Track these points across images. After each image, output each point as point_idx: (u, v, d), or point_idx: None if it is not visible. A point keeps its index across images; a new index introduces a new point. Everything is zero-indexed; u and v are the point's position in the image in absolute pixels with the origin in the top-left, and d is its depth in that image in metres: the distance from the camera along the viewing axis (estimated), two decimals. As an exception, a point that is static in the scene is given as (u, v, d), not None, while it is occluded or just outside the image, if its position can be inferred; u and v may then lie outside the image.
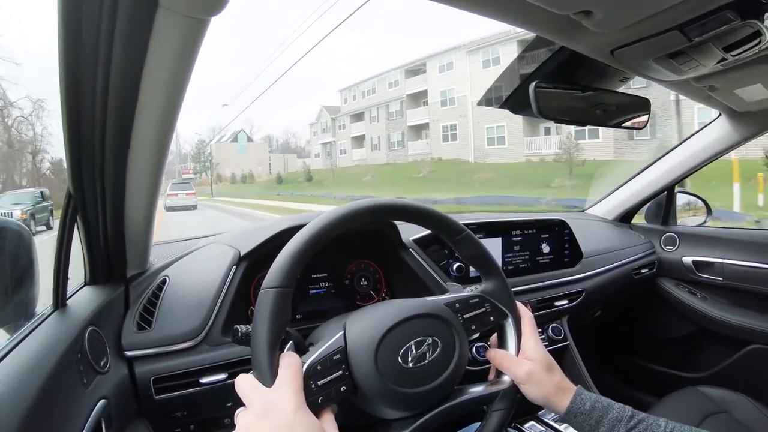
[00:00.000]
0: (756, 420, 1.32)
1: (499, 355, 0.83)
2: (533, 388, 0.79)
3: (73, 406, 0.73)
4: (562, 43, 0.96)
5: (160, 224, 9.42)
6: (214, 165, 58.81)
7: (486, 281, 0.85)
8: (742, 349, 1.80)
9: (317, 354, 0.67)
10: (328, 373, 0.66)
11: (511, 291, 0.86)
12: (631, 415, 0.75)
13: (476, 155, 28.97)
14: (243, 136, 64.98)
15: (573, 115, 1.20)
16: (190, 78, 0.73)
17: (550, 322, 1.60)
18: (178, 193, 24.48)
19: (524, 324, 0.85)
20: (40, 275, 0.88)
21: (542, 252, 1.66)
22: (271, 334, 0.63)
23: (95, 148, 0.78)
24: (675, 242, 2.03)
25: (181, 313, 1.04)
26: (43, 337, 0.76)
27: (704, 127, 1.80)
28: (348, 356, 0.69)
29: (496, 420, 0.78)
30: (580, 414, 0.76)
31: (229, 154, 59.74)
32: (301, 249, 0.67)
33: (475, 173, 25.58)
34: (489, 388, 0.81)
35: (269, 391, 0.60)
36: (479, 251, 0.84)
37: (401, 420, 0.72)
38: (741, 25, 0.79)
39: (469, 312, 0.81)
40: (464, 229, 0.83)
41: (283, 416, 0.57)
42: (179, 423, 1.02)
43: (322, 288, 1.30)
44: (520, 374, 0.79)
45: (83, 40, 0.63)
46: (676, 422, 0.74)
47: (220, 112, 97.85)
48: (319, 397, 0.64)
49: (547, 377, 0.79)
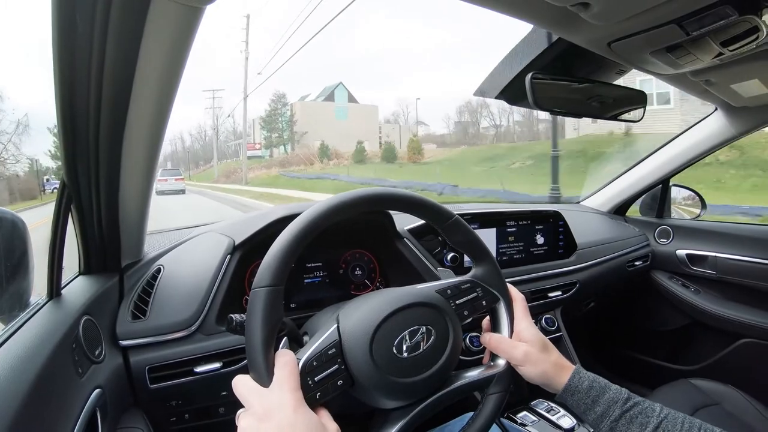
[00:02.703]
0: (747, 413, 1.33)
1: (494, 338, 0.83)
2: (530, 369, 0.79)
3: (69, 395, 0.73)
4: (560, 34, 0.96)
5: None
6: (300, 135, 41.87)
7: (477, 266, 0.85)
8: (735, 342, 1.81)
9: (312, 350, 0.67)
10: (324, 369, 0.66)
11: (502, 274, 0.86)
12: (627, 398, 0.75)
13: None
14: (342, 93, 44.77)
15: (569, 106, 1.20)
16: (184, 67, 0.72)
17: (544, 313, 1.61)
18: (167, 178, 25.59)
19: (516, 306, 0.85)
20: (35, 265, 0.88)
21: (536, 243, 1.66)
22: (265, 333, 0.63)
23: (89, 137, 0.78)
24: (669, 235, 2.04)
25: (175, 302, 1.05)
26: (38, 327, 0.76)
27: (700, 121, 1.81)
28: (343, 350, 0.69)
29: (493, 403, 0.79)
30: (577, 392, 0.77)
31: (319, 119, 41.83)
32: (290, 245, 0.67)
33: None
34: (484, 372, 0.81)
35: (267, 392, 0.60)
36: (469, 237, 0.84)
37: (399, 409, 0.73)
38: (738, 20, 0.79)
39: (461, 298, 0.81)
40: (453, 214, 0.83)
41: (283, 417, 0.57)
42: (174, 412, 1.03)
43: (317, 277, 1.30)
44: (517, 356, 0.80)
45: (78, 28, 0.62)
46: (671, 409, 0.75)
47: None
48: (317, 393, 0.64)
49: (544, 356, 0.80)
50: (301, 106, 44.04)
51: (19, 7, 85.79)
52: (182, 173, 31.32)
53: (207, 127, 64.72)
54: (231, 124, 54.77)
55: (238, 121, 45.25)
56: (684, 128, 1.88)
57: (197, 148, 66.15)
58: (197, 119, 73.04)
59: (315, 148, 38.74)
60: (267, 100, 50.86)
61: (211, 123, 49.18)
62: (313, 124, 41.83)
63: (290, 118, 43.87)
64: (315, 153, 37.19)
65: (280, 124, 44.41)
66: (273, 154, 45.73)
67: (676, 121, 14.26)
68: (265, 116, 44.71)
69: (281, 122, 44.39)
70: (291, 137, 43.35)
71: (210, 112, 47.18)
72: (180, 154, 72.04)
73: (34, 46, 76.50)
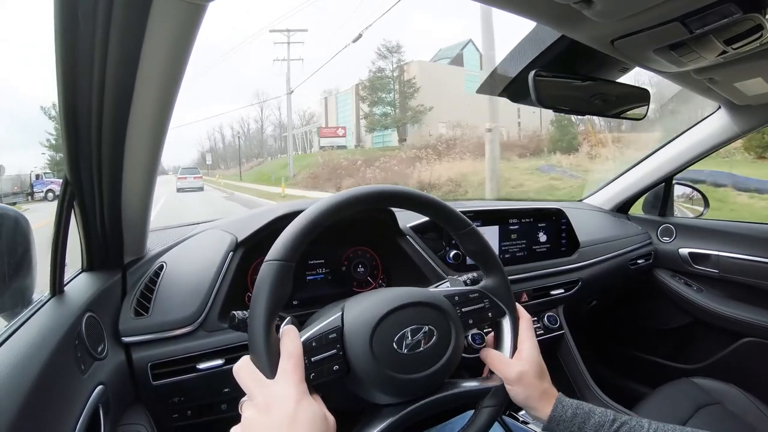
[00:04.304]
0: (748, 412, 1.33)
1: (491, 354, 0.83)
2: (520, 391, 0.79)
3: (71, 392, 0.74)
4: (563, 32, 0.95)
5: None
6: (425, 110, 28.36)
7: (487, 277, 0.85)
8: (737, 341, 1.81)
9: (314, 330, 0.68)
10: (323, 351, 0.67)
11: (511, 290, 0.86)
12: (614, 419, 0.75)
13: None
14: (473, 55, 31.22)
15: (572, 104, 1.19)
16: (187, 64, 0.72)
17: (546, 311, 1.61)
18: (187, 176, 26.50)
19: (522, 326, 0.85)
20: (37, 262, 0.88)
21: (539, 241, 1.66)
22: (270, 306, 0.63)
23: (92, 134, 0.78)
24: (672, 233, 2.04)
25: (178, 299, 1.05)
26: (41, 324, 0.76)
27: (704, 119, 1.80)
28: (344, 336, 0.70)
29: (485, 417, 0.79)
30: (562, 422, 0.76)
31: (443, 90, 28.06)
32: (308, 225, 0.68)
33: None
34: (482, 384, 0.81)
35: (271, 384, 0.60)
36: (483, 247, 0.84)
37: (391, 406, 0.72)
38: (742, 18, 0.78)
39: (468, 306, 0.81)
40: (470, 223, 0.83)
41: (285, 410, 0.57)
42: (176, 408, 1.03)
43: (319, 274, 1.30)
44: (511, 375, 0.79)
45: (80, 26, 0.62)
46: (659, 422, 0.75)
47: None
48: (311, 373, 0.64)
49: (536, 382, 0.79)
50: (419, 68, 29.95)
51: (22, 4, 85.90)
52: (199, 171, 31.20)
53: (250, 120, 58.53)
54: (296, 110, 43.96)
55: (301, 104, 34.56)
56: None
57: (240, 144, 59.20)
58: (239, 113, 69.02)
59: (436, 132, 26.11)
60: (366, 61, 37.50)
61: (257, 115, 43.12)
62: (438, 96, 28.37)
63: (405, 86, 29.65)
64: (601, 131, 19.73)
65: (390, 95, 30.01)
66: (362, 143, 33.52)
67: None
68: (367, 86, 31.05)
69: (392, 91, 29.91)
70: (410, 115, 29.15)
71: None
72: (220, 151, 67.92)
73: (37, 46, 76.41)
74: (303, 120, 47.75)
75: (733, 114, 1.67)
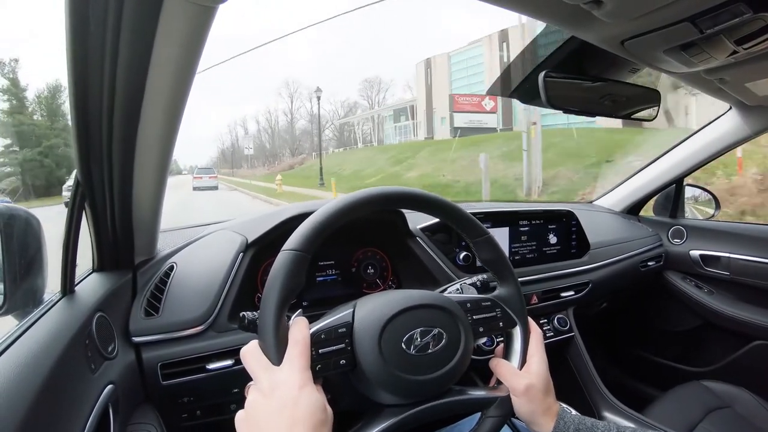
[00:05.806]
0: (759, 416, 1.32)
1: (500, 365, 0.82)
2: (525, 404, 0.78)
3: (81, 391, 0.74)
4: (572, 32, 0.95)
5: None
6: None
7: (500, 287, 0.85)
8: (747, 344, 1.79)
9: (324, 323, 0.69)
10: (331, 344, 0.67)
11: (524, 302, 0.85)
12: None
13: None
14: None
15: (582, 105, 1.19)
16: (197, 66, 0.73)
17: (556, 313, 1.60)
18: (202, 176, 27.76)
19: (533, 339, 0.84)
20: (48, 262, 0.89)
21: (549, 242, 1.65)
22: (283, 294, 0.64)
23: (103, 135, 0.79)
24: (683, 235, 2.02)
25: (188, 299, 1.05)
26: (52, 323, 0.76)
27: (714, 120, 1.79)
28: (353, 332, 0.70)
29: (489, 426, 0.78)
30: None
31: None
32: (326, 219, 0.69)
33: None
34: (488, 393, 0.80)
35: (276, 369, 0.61)
36: (498, 256, 0.84)
37: (394, 407, 0.72)
38: (753, 18, 0.78)
39: (480, 314, 0.80)
40: (486, 231, 0.82)
41: (287, 394, 0.58)
42: (186, 408, 1.03)
43: (330, 275, 1.30)
44: (519, 387, 0.78)
45: (91, 28, 0.63)
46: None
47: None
48: (317, 365, 0.65)
49: (542, 397, 0.78)
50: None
51: (35, 6, 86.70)
52: (216, 171, 33.46)
53: (279, 112, 53.87)
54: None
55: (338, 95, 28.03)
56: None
57: (264, 140, 56.35)
58: (266, 105, 63.65)
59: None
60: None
61: (286, 107, 39.58)
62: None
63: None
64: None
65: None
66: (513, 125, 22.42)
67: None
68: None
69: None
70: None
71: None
72: (235, 148, 63.84)
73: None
74: (343, 110, 44.99)
75: (745, 115, 1.65)
